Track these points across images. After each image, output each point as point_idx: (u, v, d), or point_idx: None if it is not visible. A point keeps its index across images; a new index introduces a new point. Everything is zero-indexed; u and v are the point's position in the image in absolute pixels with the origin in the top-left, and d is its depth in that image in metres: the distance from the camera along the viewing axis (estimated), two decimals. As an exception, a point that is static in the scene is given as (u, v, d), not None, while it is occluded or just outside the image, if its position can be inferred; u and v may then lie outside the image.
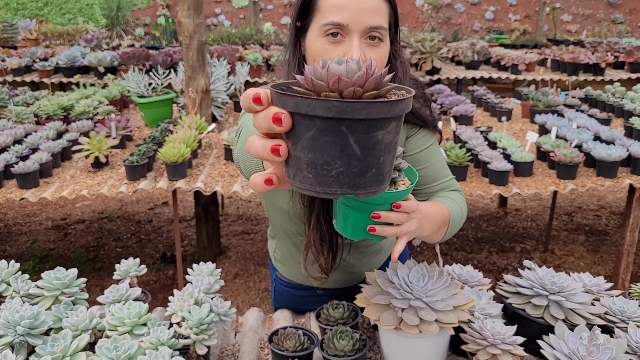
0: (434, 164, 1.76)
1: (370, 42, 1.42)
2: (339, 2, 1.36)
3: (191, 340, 1.60)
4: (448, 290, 1.63)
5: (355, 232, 1.31)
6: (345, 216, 1.29)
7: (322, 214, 1.55)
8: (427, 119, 1.70)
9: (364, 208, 1.25)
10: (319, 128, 0.66)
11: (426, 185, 1.75)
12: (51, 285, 1.76)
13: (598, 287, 1.95)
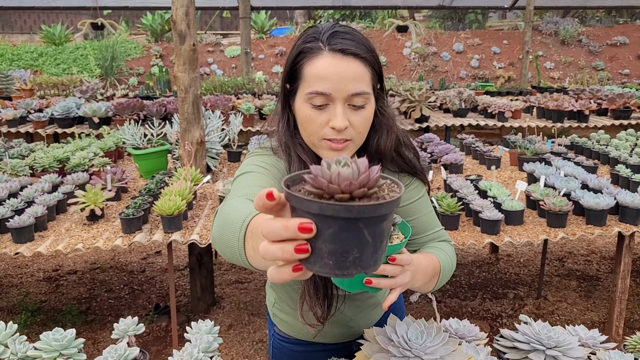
0: (425, 214, 1.82)
1: (354, 108, 1.50)
2: (321, 73, 1.44)
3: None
4: (447, 348, 1.65)
5: (352, 284, 1.41)
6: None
7: None
8: (418, 168, 1.77)
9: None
10: (340, 226, 0.78)
11: (417, 235, 1.81)
12: (49, 347, 1.76)
13: (593, 340, 1.98)
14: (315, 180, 0.80)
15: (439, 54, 14.30)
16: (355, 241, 0.79)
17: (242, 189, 1.41)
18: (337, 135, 1.49)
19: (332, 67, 1.43)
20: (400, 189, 0.87)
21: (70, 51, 13.19)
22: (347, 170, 0.79)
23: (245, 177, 1.49)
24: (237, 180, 1.51)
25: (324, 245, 0.79)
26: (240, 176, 1.51)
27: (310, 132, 1.53)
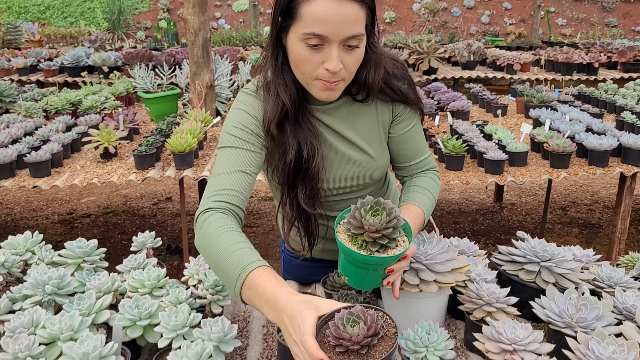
0: (416, 142, 1.90)
1: (348, 49, 1.53)
2: (319, 14, 1.42)
3: (207, 301, 1.71)
4: (446, 255, 1.75)
5: (371, 284, 1.61)
6: (360, 276, 1.56)
7: (294, 198, 1.74)
8: (411, 97, 1.82)
9: (378, 267, 1.53)
10: None
11: (407, 163, 1.92)
12: (74, 254, 1.88)
13: (588, 257, 2.08)
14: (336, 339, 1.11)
15: (449, 9, 14.11)
16: None
17: (220, 168, 1.55)
18: (330, 78, 1.54)
19: (331, 10, 1.41)
20: (394, 322, 1.21)
21: (77, 4, 13.13)
22: (361, 332, 1.10)
23: (226, 154, 1.57)
24: (221, 153, 1.59)
25: None
26: (223, 150, 1.59)
27: (304, 71, 1.55)
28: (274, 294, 1.19)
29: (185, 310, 1.56)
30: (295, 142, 1.62)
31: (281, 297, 1.17)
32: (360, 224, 1.47)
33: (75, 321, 1.47)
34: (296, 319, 1.10)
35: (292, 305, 1.14)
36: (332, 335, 1.09)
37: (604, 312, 1.67)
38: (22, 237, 1.93)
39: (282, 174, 1.68)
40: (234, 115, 1.63)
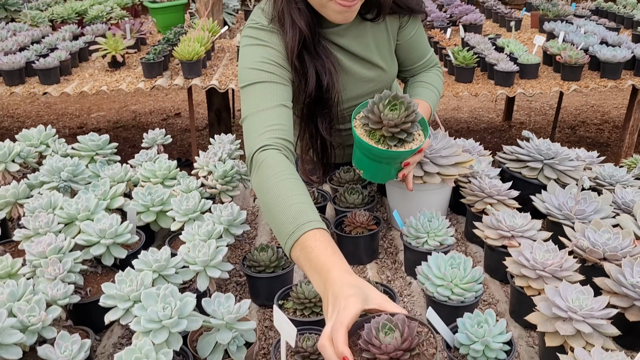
0: (421, 44, 1.91)
1: None
2: None
3: (217, 191, 1.77)
4: (450, 150, 1.78)
5: (386, 177, 1.67)
6: (376, 169, 1.61)
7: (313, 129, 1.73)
8: (414, 7, 1.80)
9: (394, 161, 1.57)
10: None
11: (413, 65, 1.94)
12: (87, 147, 1.92)
13: (591, 158, 2.10)
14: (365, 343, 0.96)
15: None
16: None
17: (259, 104, 1.44)
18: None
19: None
20: (437, 342, 1.01)
21: None
22: (391, 339, 0.94)
23: (259, 90, 1.48)
24: (252, 90, 1.48)
25: None
26: (254, 86, 1.48)
27: None
28: (327, 266, 1.07)
29: (196, 197, 1.62)
30: (314, 72, 1.59)
31: (334, 273, 1.05)
32: (379, 119, 1.47)
33: (92, 203, 1.53)
34: (339, 302, 0.97)
35: (342, 285, 1.01)
36: (363, 338, 0.96)
37: (603, 205, 1.71)
38: (36, 130, 1.97)
39: (302, 106, 1.65)
40: (255, 51, 1.53)
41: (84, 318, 1.32)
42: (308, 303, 1.34)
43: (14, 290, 1.17)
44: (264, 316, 1.51)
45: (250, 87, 1.49)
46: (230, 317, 1.17)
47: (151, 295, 1.14)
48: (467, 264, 1.40)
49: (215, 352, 1.19)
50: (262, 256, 1.49)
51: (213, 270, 1.36)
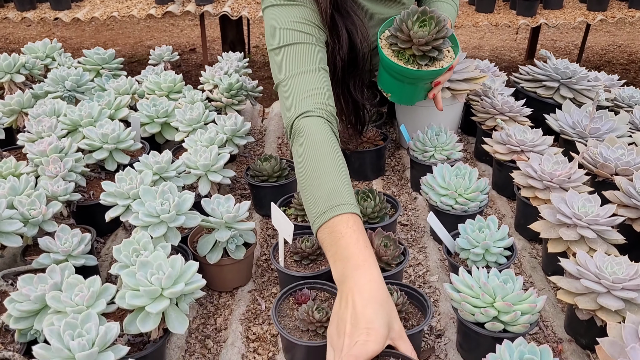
0: None
1: None
2: None
3: (222, 104, 1.74)
4: (462, 65, 1.71)
5: (415, 99, 1.57)
6: (405, 91, 1.52)
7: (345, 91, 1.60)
8: None
9: (424, 82, 1.49)
10: None
11: None
12: (92, 60, 1.90)
13: (611, 81, 2.02)
14: None
15: None
16: None
17: (298, 67, 1.30)
18: None
19: None
20: None
21: None
22: None
23: (297, 51, 1.33)
24: (288, 52, 1.33)
25: None
26: (284, 48, 1.33)
27: None
28: (355, 261, 0.95)
29: (200, 108, 1.60)
30: (345, 32, 1.45)
31: (363, 276, 0.93)
32: (408, 37, 1.37)
33: (95, 110, 1.52)
34: (360, 329, 0.86)
35: (368, 301, 0.89)
36: None
37: (619, 124, 1.65)
38: (41, 42, 1.94)
39: (334, 69, 1.50)
40: (288, 11, 1.37)
41: (88, 221, 1.33)
42: (309, 209, 1.33)
43: (15, 185, 1.18)
44: (267, 226, 1.51)
45: (284, 48, 1.32)
46: (229, 217, 1.17)
47: (150, 192, 1.13)
48: (472, 174, 1.37)
49: (214, 251, 1.19)
50: (266, 165, 1.48)
51: (214, 175, 1.35)
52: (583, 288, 1.03)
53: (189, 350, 1.12)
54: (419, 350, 1.08)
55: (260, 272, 1.33)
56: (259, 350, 1.12)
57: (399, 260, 1.18)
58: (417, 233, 1.46)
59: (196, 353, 1.12)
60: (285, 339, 1.02)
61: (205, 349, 1.13)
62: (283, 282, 1.20)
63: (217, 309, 1.23)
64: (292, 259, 1.22)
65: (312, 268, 1.19)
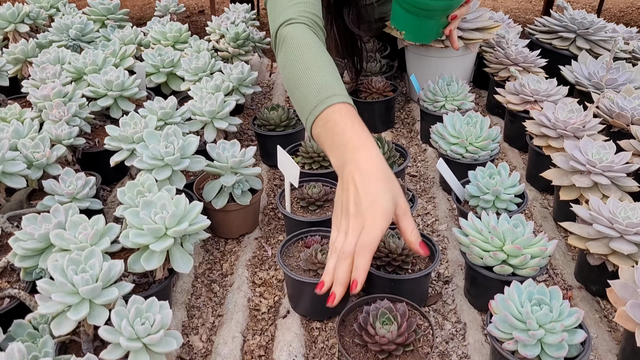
0: None
1: None
2: None
3: (229, 54, 1.71)
4: (474, 14, 1.66)
5: (430, 36, 1.55)
6: (420, 27, 1.50)
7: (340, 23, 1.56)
8: None
9: (442, 15, 1.46)
10: None
11: None
12: (97, 10, 1.86)
13: (630, 34, 1.96)
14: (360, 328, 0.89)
15: None
16: None
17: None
18: None
19: None
20: (434, 341, 0.90)
21: None
22: (387, 331, 0.86)
23: None
24: None
25: None
26: None
27: None
28: (353, 143, 0.89)
29: (206, 56, 1.57)
30: None
31: (362, 154, 0.87)
32: None
33: (99, 58, 1.49)
34: (364, 213, 0.82)
35: (369, 178, 0.84)
36: (359, 322, 0.89)
37: (637, 76, 1.59)
38: (45, -8, 1.91)
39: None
40: None
41: (93, 168, 1.32)
42: (317, 157, 1.31)
43: (19, 128, 1.17)
44: (274, 176, 1.49)
45: None
46: (235, 161, 1.15)
47: (154, 135, 1.11)
48: (484, 123, 1.34)
49: (220, 196, 1.18)
50: (273, 115, 1.46)
51: (220, 122, 1.33)
52: (595, 233, 1.01)
53: (194, 293, 1.12)
54: (426, 296, 1.07)
55: (267, 221, 1.32)
56: (265, 295, 1.12)
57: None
58: (426, 184, 1.44)
59: (202, 296, 1.11)
60: (288, 277, 1.01)
61: (211, 292, 1.13)
62: (289, 228, 1.19)
63: (223, 255, 1.22)
64: (298, 205, 1.20)
65: (318, 214, 1.17)
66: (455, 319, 1.05)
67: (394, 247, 1.00)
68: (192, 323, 1.06)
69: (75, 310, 0.80)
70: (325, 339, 1.01)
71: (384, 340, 0.85)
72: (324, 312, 1.04)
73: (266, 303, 1.10)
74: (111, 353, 0.80)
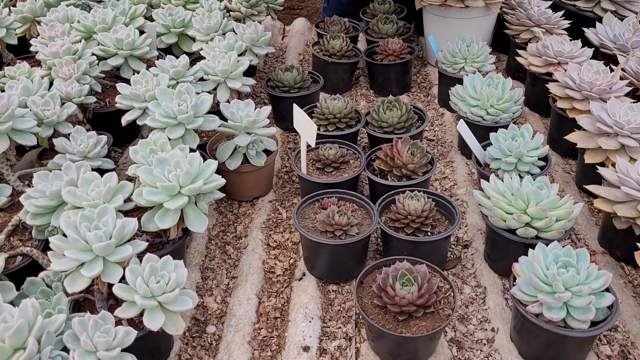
0: None
1: None
2: None
3: (241, 15, 1.66)
4: (498, -27, 1.60)
5: None
6: None
7: None
8: None
9: None
10: None
11: None
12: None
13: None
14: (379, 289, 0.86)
15: None
16: None
17: None
18: None
19: None
20: (455, 303, 0.87)
21: None
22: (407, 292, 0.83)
23: None
24: None
25: None
26: None
27: None
28: None
29: (219, 15, 1.52)
30: None
31: None
32: None
33: (109, 16, 1.45)
34: None
35: None
36: (378, 283, 0.86)
37: (665, 39, 1.54)
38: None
39: None
40: None
41: (105, 129, 1.29)
42: (332, 119, 1.28)
43: (28, 85, 1.14)
44: (288, 139, 1.46)
45: None
46: (249, 121, 1.12)
47: (166, 93, 1.08)
48: (505, 84, 1.30)
49: (234, 157, 1.15)
50: (287, 76, 1.42)
51: (233, 81, 1.29)
52: (623, 195, 0.97)
53: (208, 255, 1.10)
54: (445, 259, 1.05)
55: (281, 184, 1.29)
56: (280, 257, 1.10)
57: (426, 170, 1.13)
58: (444, 148, 1.40)
59: (216, 258, 1.10)
60: (305, 239, 0.99)
61: (225, 254, 1.11)
62: (305, 190, 1.16)
63: (237, 217, 1.20)
64: (314, 167, 1.17)
65: (335, 176, 1.15)
66: (474, 282, 1.03)
67: (413, 209, 0.98)
68: (206, 284, 1.04)
69: (89, 267, 0.78)
70: (342, 302, 0.99)
71: (404, 301, 0.82)
72: (341, 275, 1.02)
73: (281, 265, 1.08)
74: (126, 311, 0.78)
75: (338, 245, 0.95)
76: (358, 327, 0.94)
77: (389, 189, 1.08)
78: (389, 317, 0.85)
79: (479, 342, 0.91)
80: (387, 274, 0.86)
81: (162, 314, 0.78)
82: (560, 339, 0.81)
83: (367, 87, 1.67)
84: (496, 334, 0.92)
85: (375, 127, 1.27)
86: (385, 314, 0.85)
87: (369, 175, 1.13)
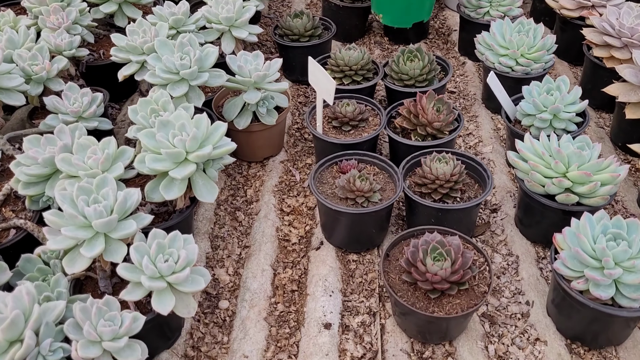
0: None
1: None
2: None
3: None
4: None
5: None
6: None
7: None
8: None
9: None
10: None
11: None
12: None
13: None
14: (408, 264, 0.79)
15: None
16: None
17: None
18: None
19: None
20: (491, 279, 0.79)
21: None
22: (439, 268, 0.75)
23: None
24: None
25: None
26: None
27: None
28: None
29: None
30: None
31: None
32: None
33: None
34: None
35: None
36: (406, 257, 0.78)
37: None
38: None
39: None
40: None
41: (100, 83, 1.19)
42: (348, 71, 1.17)
43: (13, 37, 1.03)
44: (298, 92, 1.35)
45: None
46: (259, 75, 1.01)
47: (167, 45, 0.98)
48: (537, 31, 1.18)
49: (242, 115, 1.06)
50: (297, 23, 1.30)
51: (239, 30, 1.17)
52: (673, 157, 0.88)
53: (218, 222, 1.02)
54: (473, 225, 0.97)
55: (293, 142, 1.20)
56: (295, 224, 1.02)
57: (452, 128, 1.03)
58: (466, 101, 1.30)
59: (226, 225, 1.02)
60: (323, 205, 0.91)
61: (235, 221, 1.03)
62: (320, 151, 1.07)
63: (247, 180, 1.12)
64: (330, 125, 1.08)
65: (353, 135, 1.05)
66: (506, 251, 0.95)
67: (441, 173, 0.89)
68: (216, 255, 0.97)
69: (90, 246, 0.70)
70: (364, 273, 0.92)
71: (437, 278, 0.75)
72: (362, 243, 0.94)
73: (296, 233, 1.00)
74: (132, 293, 0.71)
75: (360, 214, 0.87)
76: (382, 301, 0.87)
77: (412, 149, 0.99)
78: (419, 294, 0.78)
79: (513, 317, 0.85)
80: (416, 247, 0.78)
81: (172, 296, 0.71)
82: (607, 317, 0.74)
83: (381, 34, 1.55)
84: (531, 308, 0.85)
85: (395, 80, 1.17)
86: (415, 291, 0.78)
87: (390, 134, 1.04)
